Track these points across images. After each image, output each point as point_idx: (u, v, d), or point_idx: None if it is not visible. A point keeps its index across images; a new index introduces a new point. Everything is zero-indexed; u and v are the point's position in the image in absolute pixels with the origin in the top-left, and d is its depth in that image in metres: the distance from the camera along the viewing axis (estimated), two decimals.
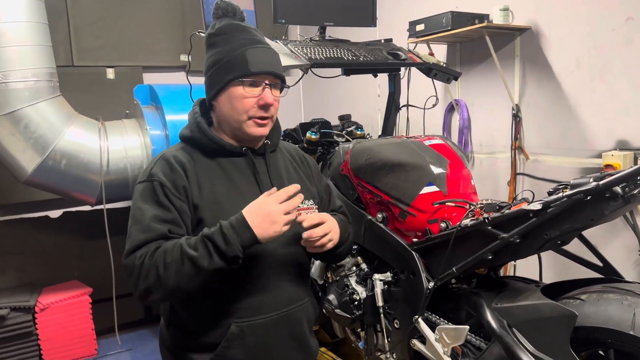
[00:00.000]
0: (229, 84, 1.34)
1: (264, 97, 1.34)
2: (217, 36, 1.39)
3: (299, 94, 4.87)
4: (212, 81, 1.38)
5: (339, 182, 2.07)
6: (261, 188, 1.38)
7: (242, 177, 1.39)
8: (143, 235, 1.26)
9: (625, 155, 2.36)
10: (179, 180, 1.32)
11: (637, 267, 2.37)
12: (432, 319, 1.73)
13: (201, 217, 1.32)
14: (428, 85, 2.69)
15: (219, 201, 1.34)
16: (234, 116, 1.36)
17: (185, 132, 1.44)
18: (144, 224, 1.28)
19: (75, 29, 3.70)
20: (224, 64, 1.35)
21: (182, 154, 1.38)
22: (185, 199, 1.32)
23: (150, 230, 1.27)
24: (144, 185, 1.33)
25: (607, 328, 1.25)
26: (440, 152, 1.88)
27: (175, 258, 1.21)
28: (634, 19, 2.35)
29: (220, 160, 1.39)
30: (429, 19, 2.94)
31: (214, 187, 1.35)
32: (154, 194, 1.31)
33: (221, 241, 1.20)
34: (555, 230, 1.35)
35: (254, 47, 1.36)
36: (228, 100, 1.35)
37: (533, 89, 2.86)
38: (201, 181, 1.35)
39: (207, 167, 1.38)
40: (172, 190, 1.31)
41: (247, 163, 1.42)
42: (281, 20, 2.33)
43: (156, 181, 1.31)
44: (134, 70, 3.91)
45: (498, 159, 3.10)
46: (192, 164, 1.37)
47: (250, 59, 1.33)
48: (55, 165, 2.87)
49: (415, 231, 1.81)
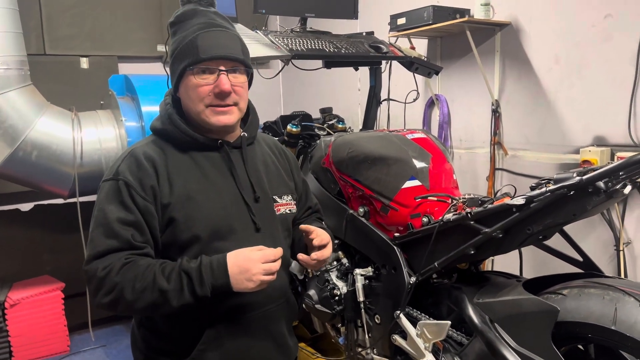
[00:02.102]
0: (183, 73, 1.28)
1: (219, 84, 1.26)
2: (175, 24, 1.33)
3: (278, 87, 4.82)
4: (172, 72, 1.33)
5: (321, 176, 2.04)
6: (237, 183, 1.34)
7: (217, 171, 1.33)
8: (107, 241, 1.20)
9: (602, 151, 2.38)
10: (146, 179, 1.25)
11: (612, 261, 2.41)
12: (413, 314, 1.72)
13: (172, 217, 1.25)
14: (409, 80, 2.68)
15: (191, 197, 1.27)
16: (192, 106, 1.30)
17: (156, 125, 1.36)
18: (107, 228, 1.21)
19: (48, 17, 3.58)
20: (178, 53, 1.28)
21: (152, 148, 1.31)
22: (152, 200, 1.24)
23: (114, 235, 1.21)
24: (109, 184, 1.26)
25: (589, 323, 1.25)
26: (423, 146, 1.87)
27: (145, 286, 1.16)
28: (612, 16, 2.37)
29: (194, 154, 1.33)
30: (410, 12, 2.92)
31: (186, 183, 1.28)
32: (119, 194, 1.23)
33: (197, 280, 1.17)
34: (538, 225, 1.35)
35: (206, 30, 1.27)
36: (185, 90, 1.30)
37: (513, 85, 2.87)
38: (172, 177, 1.28)
39: (180, 162, 1.30)
40: (137, 190, 1.24)
41: (222, 157, 1.35)
42: (261, 10, 2.28)
43: (121, 180, 1.24)
44: (109, 60, 3.81)
45: (477, 154, 3.11)
46: (164, 159, 1.29)
47: (201, 44, 1.25)
48: (26, 157, 2.78)
49: (397, 226, 1.80)
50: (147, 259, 1.22)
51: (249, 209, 1.34)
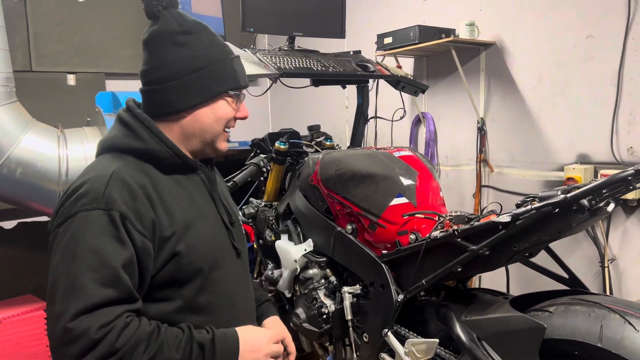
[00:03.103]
0: (217, 95, 1.22)
1: (243, 110, 1.28)
2: (186, 34, 1.19)
3: (266, 104, 4.84)
4: (192, 89, 1.18)
5: (309, 193, 2.04)
6: (217, 207, 1.29)
7: (200, 196, 1.26)
8: (104, 291, 1.00)
9: (586, 169, 2.42)
10: (144, 211, 1.08)
11: (598, 277, 2.43)
12: (401, 332, 1.71)
13: (176, 250, 1.13)
14: (396, 98, 2.71)
15: (190, 226, 1.17)
16: (215, 130, 1.24)
17: (128, 142, 1.16)
18: (104, 272, 1.00)
19: (35, 33, 3.58)
20: (210, 72, 1.19)
21: (135, 172, 1.13)
22: (150, 236, 1.08)
23: (114, 282, 1.01)
24: (95, 214, 1.03)
25: (576, 340, 1.26)
26: (410, 163, 1.88)
27: (153, 356, 1.02)
28: (593, 36, 2.43)
29: (178, 177, 1.22)
30: (397, 32, 2.97)
31: (183, 211, 1.17)
32: (114, 228, 1.03)
33: (209, 355, 1.08)
34: (524, 242, 1.36)
35: (236, 57, 1.27)
36: (213, 112, 1.22)
37: (498, 103, 2.92)
38: (168, 205, 1.14)
39: (169, 187, 1.18)
40: (135, 224, 1.06)
41: (201, 180, 1.28)
42: (250, 29, 2.30)
43: (116, 211, 1.04)
44: (96, 77, 3.81)
45: (463, 171, 3.14)
46: (152, 185, 1.14)
47: (238, 70, 1.25)
48: (10, 174, 2.74)
49: (385, 243, 1.80)
50: (145, 320, 1.08)
51: (230, 234, 1.30)
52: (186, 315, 1.17)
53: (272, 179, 2.28)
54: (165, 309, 1.15)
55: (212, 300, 1.21)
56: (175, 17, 1.21)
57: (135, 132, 1.17)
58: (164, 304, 1.15)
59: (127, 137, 1.17)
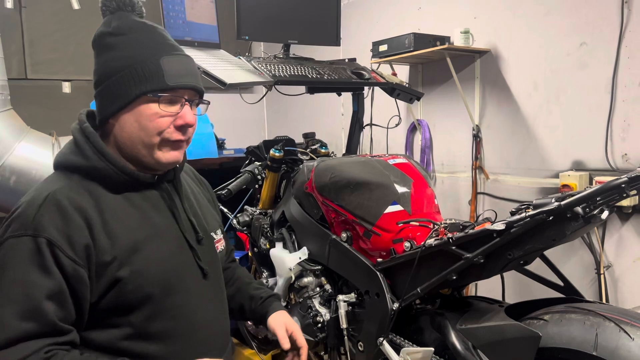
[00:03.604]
0: (137, 98, 1.06)
1: (183, 116, 1.09)
2: (115, 36, 1.11)
3: (262, 112, 4.84)
4: (112, 93, 1.08)
5: (304, 201, 2.04)
6: (179, 224, 1.16)
7: (158, 213, 1.14)
8: (22, 324, 0.91)
9: (581, 176, 2.42)
10: (77, 235, 0.98)
11: (594, 284, 2.43)
12: (396, 340, 1.70)
13: (117, 276, 1.02)
14: (391, 105, 2.71)
15: (138, 249, 1.06)
16: (143, 139, 1.08)
17: (76, 161, 1.08)
18: (23, 304, 0.93)
19: (30, 42, 3.58)
20: (129, 74, 1.07)
21: (76, 191, 1.04)
22: (84, 262, 0.99)
23: (34, 314, 0.92)
24: (22, 241, 0.95)
25: (570, 349, 1.25)
26: (404, 171, 1.88)
27: None
28: (587, 44, 2.44)
29: (130, 195, 1.11)
30: (392, 40, 2.98)
31: (129, 232, 1.06)
32: (39, 256, 0.95)
33: None
34: (518, 250, 1.35)
35: (171, 54, 1.10)
36: (135, 119, 1.07)
37: (493, 110, 2.92)
38: (111, 227, 1.04)
39: (116, 207, 1.07)
40: (65, 250, 0.97)
41: (160, 195, 1.16)
42: (245, 36, 2.30)
43: (42, 238, 0.95)
44: (91, 85, 3.76)
45: (459, 178, 3.14)
46: (94, 205, 1.04)
47: (167, 68, 1.07)
48: (4, 182, 2.74)
49: (380, 251, 1.79)
50: (73, 354, 0.96)
51: (195, 253, 1.18)
52: (137, 343, 1.06)
53: (267, 187, 2.27)
54: (114, 334, 1.05)
55: (168, 326, 1.09)
56: (114, 18, 1.14)
57: (80, 149, 1.09)
58: (112, 330, 1.05)
59: (73, 154, 1.09)
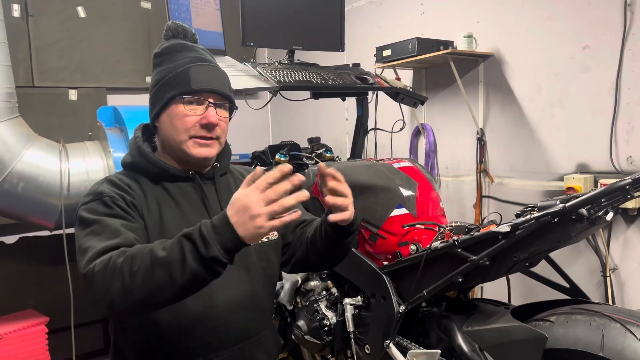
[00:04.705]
0: (170, 101, 1.27)
1: (207, 115, 1.27)
2: (162, 55, 1.34)
3: (267, 117, 4.86)
4: (154, 100, 1.31)
5: (309, 205, 2.05)
6: (210, 214, 1.28)
7: (189, 203, 1.30)
8: (107, 242, 1.11)
9: (585, 179, 2.42)
10: (126, 194, 1.23)
11: (600, 287, 2.42)
12: (403, 343, 1.71)
13: (148, 240, 1.21)
14: (395, 110, 2.72)
15: (165, 227, 1.24)
16: (175, 136, 1.28)
17: (126, 159, 1.36)
18: (107, 231, 1.14)
19: (37, 49, 3.61)
20: (166, 82, 1.29)
21: (126, 177, 1.30)
22: (134, 209, 1.22)
23: (115, 235, 1.13)
24: (91, 204, 1.21)
25: (577, 350, 1.26)
26: (409, 174, 1.89)
27: (144, 264, 1.01)
28: (590, 47, 2.45)
29: (166, 185, 1.31)
30: (396, 44, 2.99)
31: (161, 212, 1.26)
32: (108, 208, 1.19)
33: (199, 240, 0.99)
34: (523, 252, 1.36)
35: (198, 64, 1.30)
36: (169, 118, 1.28)
37: (497, 114, 2.93)
38: (149, 202, 1.26)
39: (154, 192, 1.29)
40: (119, 201, 1.21)
41: (194, 188, 1.33)
42: (250, 43, 2.32)
43: (107, 196, 1.20)
44: (97, 92, 3.83)
45: (464, 182, 3.14)
46: (138, 186, 1.28)
47: (193, 76, 1.27)
48: (12, 189, 2.75)
49: (386, 254, 1.80)
50: (142, 246, 1.11)
51: None
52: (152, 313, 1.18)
53: None
54: None
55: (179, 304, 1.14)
56: (166, 42, 1.36)
57: (130, 151, 1.36)
58: None
59: (127, 156, 1.37)
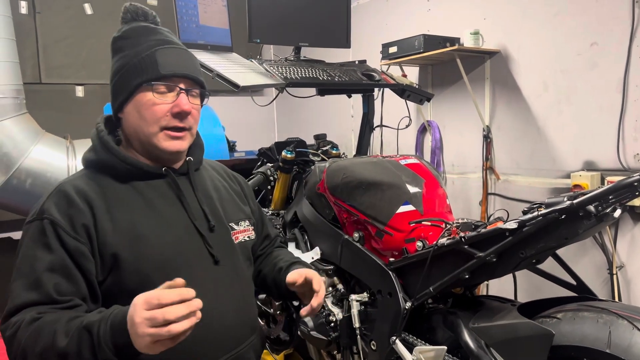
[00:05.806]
0: (136, 89, 1.15)
1: (179, 103, 1.15)
2: (123, 39, 1.21)
3: (273, 113, 4.87)
4: (117, 89, 1.18)
5: (315, 201, 2.05)
6: (188, 212, 1.21)
7: (165, 202, 1.19)
8: (26, 294, 1.02)
9: (592, 176, 2.42)
10: (77, 216, 1.08)
11: (607, 284, 2.42)
12: (409, 339, 1.71)
13: (118, 257, 1.09)
14: (401, 107, 2.72)
15: (142, 235, 1.12)
16: (143, 128, 1.16)
17: (88, 156, 1.21)
18: (30, 278, 1.04)
19: (44, 46, 3.63)
20: (130, 68, 1.15)
21: (85, 182, 1.15)
22: (85, 240, 1.07)
23: (36, 286, 1.02)
24: (32, 225, 1.09)
25: (584, 347, 1.26)
26: (416, 171, 1.89)
27: (45, 349, 0.94)
28: (598, 44, 2.44)
29: (137, 184, 1.18)
30: (402, 41, 2.99)
31: (132, 218, 1.13)
32: (43, 235, 1.06)
33: (96, 339, 0.92)
34: (530, 249, 1.36)
35: (165, 47, 1.18)
36: (135, 108, 1.16)
37: (503, 111, 2.92)
38: (114, 212, 1.12)
39: (122, 195, 1.16)
40: (66, 228, 1.07)
41: (168, 185, 1.22)
42: (256, 39, 2.33)
43: (46, 219, 1.07)
44: (104, 88, 3.85)
45: (470, 179, 3.14)
46: (100, 192, 1.14)
47: (161, 60, 1.15)
48: (20, 185, 2.78)
49: (392, 251, 1.80)
50: (61, 313, 1.01)
51: (204, 240, 1.21)
52: None
53: (279, 188, 2.29)
54: None
55: None
56: (125, 26, 1.24)
57: (92, 146, 1.22)
58: None
59: (87, 152, 1.23)
